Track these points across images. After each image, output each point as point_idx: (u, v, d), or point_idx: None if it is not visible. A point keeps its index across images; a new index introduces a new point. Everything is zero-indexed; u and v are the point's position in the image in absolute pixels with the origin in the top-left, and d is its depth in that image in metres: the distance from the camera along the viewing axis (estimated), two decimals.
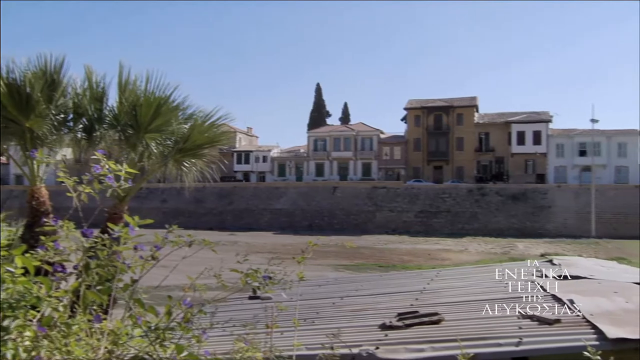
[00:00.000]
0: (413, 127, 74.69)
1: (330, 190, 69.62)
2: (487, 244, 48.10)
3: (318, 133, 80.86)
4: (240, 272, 2.17)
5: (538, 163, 68.88)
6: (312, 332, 4.89)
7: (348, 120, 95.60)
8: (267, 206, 69.62)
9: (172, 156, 9.66)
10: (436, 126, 73.46)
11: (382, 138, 77.27)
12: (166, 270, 2.42)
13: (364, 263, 34.70)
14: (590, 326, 4.12)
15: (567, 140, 68.43)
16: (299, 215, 67.65)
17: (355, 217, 66.07)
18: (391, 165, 75.45)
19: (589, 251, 40.62)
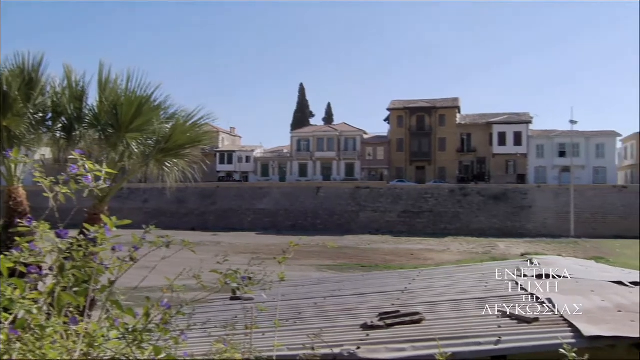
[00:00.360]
0: (396, 127, 75.12)
1: (313, 190, 69.63)
2: (469, 244, 48.55)
3: (301, 133, 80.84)
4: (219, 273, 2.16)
5: (519, 163, 69.82)
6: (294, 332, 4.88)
7: (331, 121, 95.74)
8: (251, 206, 69.36)
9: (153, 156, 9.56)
10: (419, 127, 74.00)
11: (365, 138, 77.56)
12: (148, 272, 2.40)
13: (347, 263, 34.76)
14: (567, 324, 4.19)
15: (547, 141, 69.49)
16: (283, 216, 67.54)
17: (339, 217, 66.19)
18: (374, 166, 75.78)
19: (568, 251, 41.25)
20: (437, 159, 73.21)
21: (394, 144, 74.93)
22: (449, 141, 72.66)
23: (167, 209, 67.29)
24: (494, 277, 7.41)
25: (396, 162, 74.55)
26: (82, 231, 2.03)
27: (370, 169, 75.89)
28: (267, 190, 71.32)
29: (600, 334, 3.77)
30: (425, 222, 63.33)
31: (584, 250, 42.52)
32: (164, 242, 2.06)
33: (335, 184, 71.27)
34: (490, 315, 4.92)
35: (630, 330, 3.81)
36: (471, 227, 60.48)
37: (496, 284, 6.81)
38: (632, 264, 28.95)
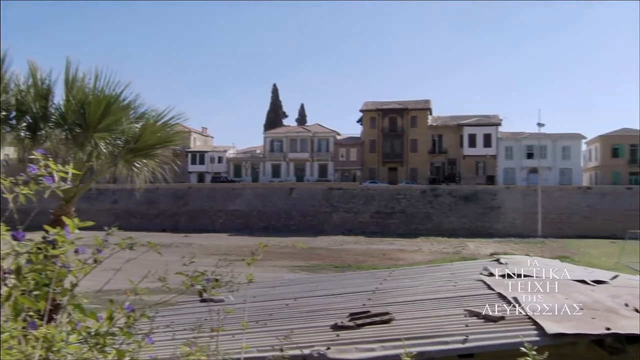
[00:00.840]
0: (369, 128, 75.65)
1: (286, 191, 69.51)
2: (439, 244, 49.20)
3: (274, 134, 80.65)
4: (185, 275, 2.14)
5: (488, 165, 71.17)
6: (264, 334, 4.87)
7: (305, 122, 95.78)
8: (223, 207, 68.80)
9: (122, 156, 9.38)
10: (391, 128, 74.69)
11: (338, 139, 77.86)
12: (117, 274, 2.36)
13: (319, 264, 34.80)
14: (532, 322, 4.29)
15: (516, 143, 71.06)
16: (255, 217, 67.20)
17: (312, 218, 66.24)
18: (347, 167, 76.14)
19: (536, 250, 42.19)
20: (409, 160, 74.03)
21: (367, 145, 75.44)
22: (421, 142, 73.57)
23: (137, 210, 66.22)
24: (463, 276, 7.53)
25: (369, 163, 75.07)
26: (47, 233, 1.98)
27: (343, 170, 76.22)
28: (240, 191, 70.86)
29: (562, 332, 3.87)
30: (397, 223, 63.92)
31: (551, 249, 43.58)
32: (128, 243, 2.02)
33: (309, 185, 71.33)
34: (458, 314, 5.00)
35: (591, 328, 3.93)
36: (442, 227, 61.32)
37: (465, 283, 6.92)
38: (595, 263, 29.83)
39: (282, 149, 78.35)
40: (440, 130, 73.99)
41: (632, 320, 4.13)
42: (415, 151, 73.70)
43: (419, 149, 73.58)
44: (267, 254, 12.61)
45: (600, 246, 44.06)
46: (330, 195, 67.83)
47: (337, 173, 76.10)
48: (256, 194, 69.78)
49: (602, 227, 56.48)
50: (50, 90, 8.91)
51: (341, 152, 76.89)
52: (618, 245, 38.08)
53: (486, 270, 7.43)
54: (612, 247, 40.23)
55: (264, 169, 78.66)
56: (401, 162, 74.30)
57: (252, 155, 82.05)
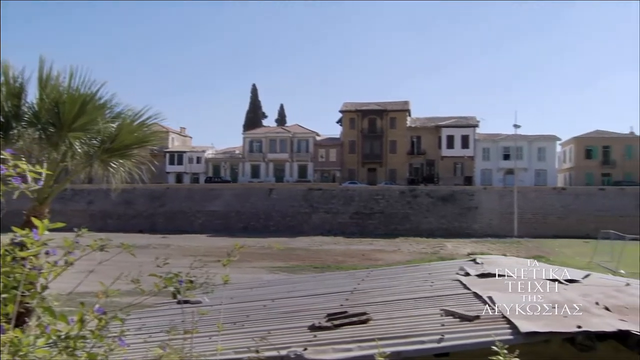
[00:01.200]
0: (348, 129, 75.92)
1: (266, 192, 69.31)
2: (418, 244, 49.59)
3: (254, 134, 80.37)
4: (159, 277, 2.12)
5: (466, 166, 72.08)
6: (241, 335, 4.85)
7: (284, 122, 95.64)
8: (201, 208, 68.26)
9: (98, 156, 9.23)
10: (370, 129, 75.09)
11: (317, 140, 77.96)
12: (94, 276, 2.33)
13: (299, 264, 34.76)
14: (506, 321, 4.35)
15: (493, 145, 72.12)
16: (234, 217, 66.84)
17: (291, 218, 66.16)
18: (327, 167, 76.27)
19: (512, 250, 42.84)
20: (388, 161, 74.51)
21: (346, 146, 75.69)
22: (400, 143, 74.14)
23: (114, 211, 65.30)
24: (440, 276, 7.61)
25: (348, 164, 75.33)
26: None
27: (323, 170, 76.33)
28: (219, 191, 70.40)
29: (535, 330, 3.95)
30: (376, 223, 64.26)
31: (526, 249, 44.31)
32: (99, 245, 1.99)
33: (288, 186, 71.25)
34: (435, 314, 5.05)
35: (562, 326, 4.01)
36: (421, 227, 61.85)
37: (441, 283, 6.99)
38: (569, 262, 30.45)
39: (262, 150, 78.12)
40: (418, 131, 74.68)
41: (602, 318, 4.22)
42: (394, 152, 74.24)
43: (398, 150, 74.14)
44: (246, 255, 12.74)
45: (574, 246, 44.96)
46: (309, 195, 67.86)
47: (316, 174, 76.19)
48: (235, 194, 69.41)
49: (576, 227, 57.66)
50: (23, 89, 8.73)
51: (321, 152, 77.00)
52: (591, 245, 38.89)
53: (462, 270, 7.51)
54: (585, 247, 41.09)
55: (243, 169, 78.30)
56: (380, 162, 74.75)
57: (231, 155, 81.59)
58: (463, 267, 7.72)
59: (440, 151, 72.55)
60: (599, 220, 53.33)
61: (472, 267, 7.78)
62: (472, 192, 65.94)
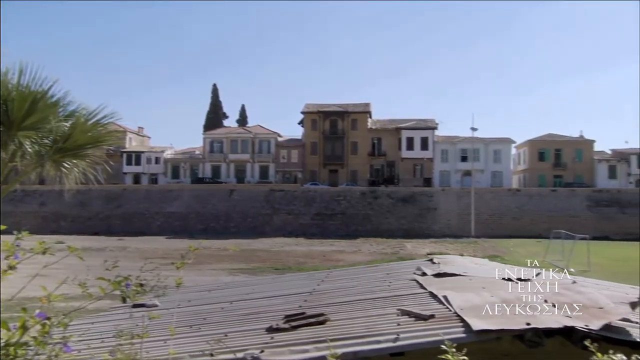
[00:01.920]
0: (310, 130, 76.07)
1: (226, 193, 68.61)
2: (378, 245, 50.14)
3: (214, 135, 79.44)
4: (107, 280, 2.06)
5: (425, 167, 73.39)
6: (197, 338, 4.78)
7: (245, 123, 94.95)
8: (160, 209, 66.95)
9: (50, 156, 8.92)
10: (332, 131, 75.47)
11: (279, 141, 77.77)
12: (45, 281, 2.25)
13: (260, 266, 34.53)
14: (460, 320, 4.46)
15: (451, 147, 73.71)
16: (194, 219, 65.86)
17: (252, 220, 65.73)
18: (288, 168, 76.17)
19: (469, 250, 43.84)
20: (349, 162, 75.05)
21: (308, 147, 75.81)
22: (361, 145, 74.82)
23: (68, 213, 63.22)
24: (397, 276, 7.72)
25: (310, 165, 75.46)
26: None
27: (285, 171, 76.20)
28: (178, 192, 69.23)
29: (487, 328, 4.06)
30: (337, 224, 64.61)
31: (483, 249, 45.44)
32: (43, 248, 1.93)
33: (249, 187, 70.78)
34: (391, 313, 5.12)
35: (513, 323, 4.14)
36: (381, 228, 62.56)
37: (399, 283, 7.09)
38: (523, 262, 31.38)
39: (222, 150, 77.31)
40: (379, 133, 75.56)
41: (551, 315, 4.39)
42: (355, 153, 74.85)
43: (359, 151, 74.80)
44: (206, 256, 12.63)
45: (527, 245, 46.44)
46: (271, 196, 67.60)
47: (278, 174, 75.99)
48: (195, 195, 68.41)
49: (530, 227, 59.62)
50: None
51: (282, 153, 76.84)
52: (543, 244, 40.23)
53: (419, 270, 7.65)
54: (538, 246, 42.51)
55: (204, 170, 77.25)
56: (342, 164, 75.22)
57: (190, 156, 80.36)
58: (420, 267, 7.86)
59: (401, 153, 73.62)
60: (551, 221, 55.30)
61: (428, 267, 7.94)
62: (431, 193, 67.20)
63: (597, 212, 62.67)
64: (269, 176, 75.93)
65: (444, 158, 73.48)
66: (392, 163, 74.54)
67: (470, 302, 5.04)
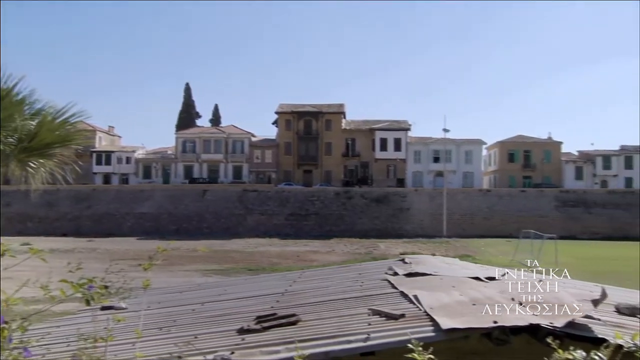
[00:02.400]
0: (284, 131, 75.93)
1: (199, 193, 67.91)
2: (352, 245, 50.38)
3: (187, 134, 78.56)
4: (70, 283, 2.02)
5: (398, 168, 74.07)
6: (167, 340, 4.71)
7: (219, 122, 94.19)
8: (131, 210, 65.86)
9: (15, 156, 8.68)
10: (306, 131, 75.49)
11: (253, 141, 77.40)
12: (12, 283, 2.18)
13: (233, 267, 34.30)
14: (429, 319, 4.51)
15: (424, 148, 74.59)
16: (166, 220, 65.00)
17: (226, 220, 65.24)
18: (262, 169, 75.86)
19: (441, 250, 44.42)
20: (323, 162, 75.19)
21: (282, 147, 75.65)
22: (335, 145, 75.04)
23: (34, 214, 61.64)
24: (369, 276, 7.77)
25: (284, 165, 75.31)
26: None
27: (258, 171, 75.86)
28: (149, 192, 68.21)
29: (455, 327, 4.12)
30: (311, 225, 64.66)
31: (454, 248, 46.12)
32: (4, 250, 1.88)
33: (223, 187, 70.20)
34: (362, 313, 5.14)
35: (480, 322, 4.21)
36: (355, 228, 62.90)
37: (371, 283, 7.14)
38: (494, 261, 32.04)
39: (195, 150, 76.51)
40: (353, 134, 75.93)
41: (517, 313, 4.48)
42: (329, 154, 75.04)
43: (333, 151, 75.01)
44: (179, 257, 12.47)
45: (497, 245, 47.35)
46: (244, 197, 67.22)
47: (252, 175, 75.59)
48: (167, 195, 67.52)
49: (500, 227, 60.79)
50: None
51: (256, 153, 76.49)
52: (513, 244, 41.05)
53: (391, 269, 7.71)
54: (508, 246, 43.37)
55: (176, 170, 76.30)
56: (316, 164, 75.30)
57: (162, 156, 79.26)
58: (392, 267, 7.92)
59: (374, 153, 74.13)
60: (520, 221, 56.51)
61: (400, 267, 8.00)
62: (404, 193, 67.85)
63: (564, 212, 64.31)
64: (242, 176, 75.50)
65: (417, 159, 74.30)
66: (365, 164, 75.00)
67: (440, 301, 5.10)
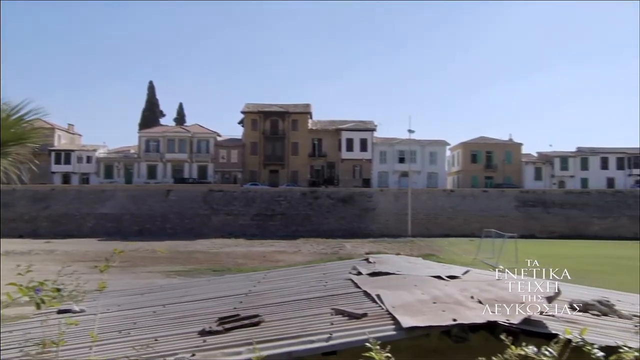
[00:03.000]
0: (250, 130, 75.46)
1: (163, 193, 66.75)
2: (318, 245, 50.44)
3: (150, 133, 77.10)
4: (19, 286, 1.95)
5: (364, 168, 74.68)
6: (125, 344, 4.61)
7: (183, 122, 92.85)
8: (92, 210, 64.17)
9: None
10: (272, 131, 75.23)
11: (219, 141, 76.62)
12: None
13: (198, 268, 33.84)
14: (391, 318, 4.56)
15: (389, 148, 75.43)
16: (128, 220, 63.62)
17: (190, 221, 64.34)
18: (228, 169, 75.18)
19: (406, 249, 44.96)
20: (290, 162, 75.07)
21: (248, 147, 75.16)
22: (301, 146, 75.05)
23: None
24: (333, 276, 7.80)
25: (250, 165, 74.84)
26: None
27: (224, 171, 75.15)
28: (111, 192, 66.63)
29: (416, 325, 4.18)
30: (277, 225, 64.45)
31: (419, 248, 46.76)
32: None
33: (187, 187, 69.19)
34: (325, 313, 5.16)
35: (440, 320, 4.29)
36: (321, 228, 63.03)
37: (334, 283, 7.16)
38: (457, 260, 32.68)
39: (159, 149, 75.17)
40: (320, 134, 76.11)
41: (475, 311, 4.58)
42: (296, 154, 74.99)
43: (300, 152, 75.00)
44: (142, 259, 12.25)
45: (461, 244, 48.30)
46: (210, 197, 66.45)
47: (217, 175, 74.79)
48: (129, 195, 66.09)
49: (463, 227, 62.05)
50: None
51: (222, 153, 75.73)
52: (476, 243, 41.95)
53: (355, 269, 7.76)
54: (471, 245, 44.30)
55: (139, 169, 74.78)
56: (282, 164, 75.13)
57: (125, 155, 77.55)
58: (356, 267, 7.97)
59: (340, 154, 74.50)
60: (482, 220, 57.81)
61: (364, 267, 8.06)
62: (370, 193, 68.42)
63: (524, 212, 66.14)
64: (207, 176, 74.62)
65: (383, 159, 75.08)
66: (332, 164, 75.29)
67: (402, 300, 5.17)
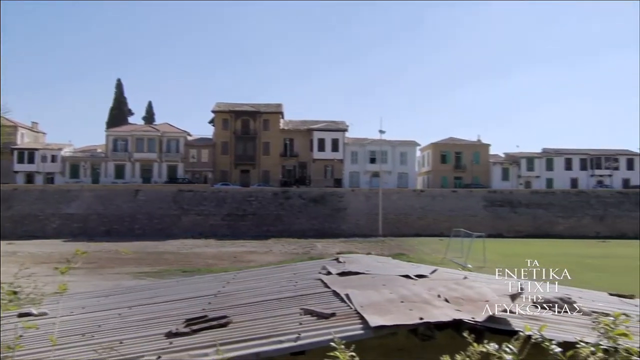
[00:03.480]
0: (221, 130, 74.82)
1: (131, 193, 65.59)
2: (290, 245, 50.39)
3: (118, 132, 75.65)
4: None
5: (336, 168, 74.95)
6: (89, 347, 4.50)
7: (153, 120, 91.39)
8: (57, 211, 62.55)
9: None
10: (244, 130, 74.77)
11: (189, 140, 75.74)
12: None
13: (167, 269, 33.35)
14: (359, 317, 4.58)
15: (360, 148, 75.90)
16: (95, 221, 62.27)
17: (159, 221, 63.40)
18: (198, 168, 74.38)
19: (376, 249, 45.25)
20: (261, 162, 74.74)
21: (219, 147, 74.51)
22: (273, 145, 74.81)
23: None
24: (303, 276, 7.79)
25: (221, 165, 74.21)
26: None
27: (194, 171, 74.31)
28: (77, 192, 65.07)
29: (383, 324, 4.21)
30: (249, 225, 64.10)
31: (389, 247, 47.18)
32: None
33: (156, 187, 68.17)
34: (295, 313, 5.15)
35: (407, 318, 4.33)
36: (293, 228, 62.96)
37: (304, 282, 7.16)
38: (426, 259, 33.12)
39: (127, 149, 73.81)
40: (291, 134, 76.03)
41: (442, 310, 4.64)
42: (267, 154, 74.71)
43: (271, 151, 74.76)
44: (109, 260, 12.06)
45: (431, 243, 48.94)
46: (179, 197, 65.61)
47: (187, 175, 73.87)
48: (97, 196, 64.70)
49: (433, 226, 62.92)
50: None
51: (192, 153, 74.87)
52: (445, 242, 42.55)
53: (325, 269, 7.77)
54: (440, 244, 44.93)
55: (106, 169, 73.26)
56: (253, 164, 74.73)
57: (92, 154, 75.86)
58: (325, 267, 7.99)
59: (312, 154, 74.57)
60: (452, 220, 58.76)
61: (334, 266, 8.08)
62: (341, 194, 68.69)
63: (492, 212, 67.48)
64: (177, 176, 73.63)
65: (354, 159, 75.48)
66: (303, 164, 75.30)
67: (370, 299, 5.20)
